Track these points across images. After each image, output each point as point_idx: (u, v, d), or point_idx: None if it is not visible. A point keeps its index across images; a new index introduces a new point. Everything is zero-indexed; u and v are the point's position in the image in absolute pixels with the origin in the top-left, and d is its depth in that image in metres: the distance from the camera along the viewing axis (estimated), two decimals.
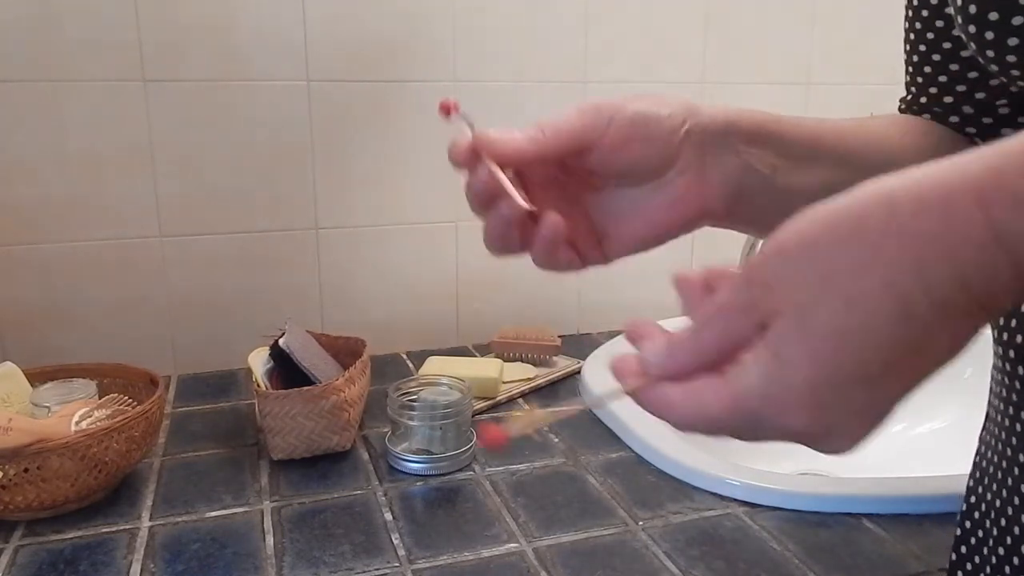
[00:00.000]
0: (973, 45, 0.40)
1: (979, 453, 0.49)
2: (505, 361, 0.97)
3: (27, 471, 0.63)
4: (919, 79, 0.50)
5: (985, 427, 0.48)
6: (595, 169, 0.41)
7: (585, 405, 0.38)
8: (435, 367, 0.90)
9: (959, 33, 0.41)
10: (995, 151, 0.25)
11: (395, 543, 0.63)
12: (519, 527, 0.65)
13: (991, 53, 0.39)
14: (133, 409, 0.71)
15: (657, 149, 0.40)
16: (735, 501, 0.69)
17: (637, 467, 0.75)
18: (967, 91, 0.47)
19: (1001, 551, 0.45)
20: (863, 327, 0.26)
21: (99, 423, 0.68)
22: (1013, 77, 0.40)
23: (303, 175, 0.98)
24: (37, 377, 0.77)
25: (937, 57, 0.48)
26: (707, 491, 0.71)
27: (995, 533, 0.46)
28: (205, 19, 0.91)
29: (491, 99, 1.02)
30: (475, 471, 0.75)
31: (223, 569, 0.60)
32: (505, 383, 0.92)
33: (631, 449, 0.79)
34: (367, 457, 0.77)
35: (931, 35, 0.48)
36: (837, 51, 1.16)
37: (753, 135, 0.41)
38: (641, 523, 0.66)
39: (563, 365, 0.99)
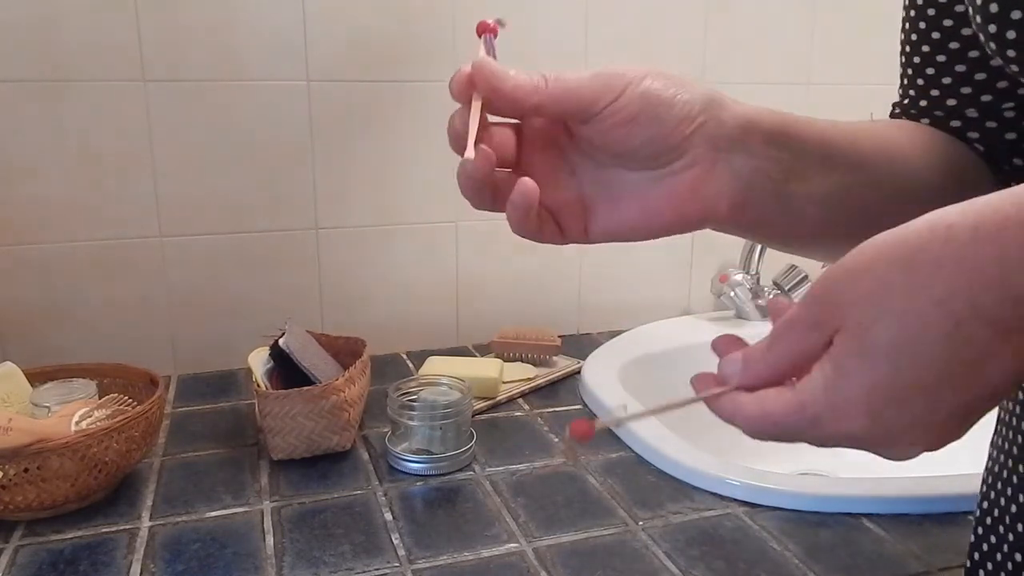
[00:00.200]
0: (993, 45, 0.39)
1: (991, 458, 0.48)
2: (505, 361, 0.97)
3: (27, 471, 0.63)
4: (919, 81, 0.49)
5: (997, 431, 0.48)
6: (596, 141, 0.39)
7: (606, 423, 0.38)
8: (435, 367, 0.90)
9: (976, 32, 0.40)
10: None
11: (395, 543, 0.63)
12: (519, 527, 0.65)
13: (1012, 53, 0.38)
14: (133, 409, 0.71)
15: (662, 134, 0.38)
16: (735, 501, 0.69)
17: (637, 467, 0.75)
18: (972, 94, 0.46)
19: (1018, 557, 0.45)
20: (915, 341, 0.29)
21: (99, 423, 0.68)
22: None
23: (303, 175, 0.98)
24: (37, 377, 0.77)
25: (942, 58, 0.47)
26: (707, 491, 0.71)
27: (1011, 539, 0.45)
28: (205, 19, 0.91)
29: None
30: (475, 471, 0.75)
31: (223, 569, 0.60)
32: (505, 383, 0.92)
33: (631, 449, 0.79)
34: (367, 457, 0.77)
35: (936, 35, 0.47)
36: (837, 51, 1.16)
37: (772, 136, 0.40)
38: (641, 523, 0.66)
39: (563, 365, 0.99)
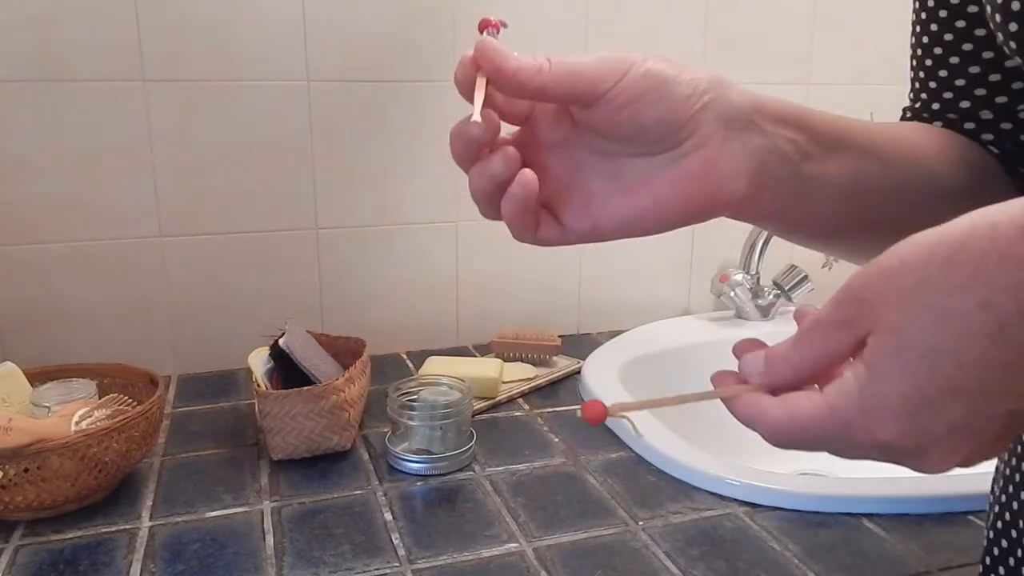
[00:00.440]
0: (1013, 44, 0.39)
1: (1002, 460, 0.48)
2: (505, 361, 0.97)
3: (27, 471, 0.63)
4: (932, 84, 0.48)
5: None
6: (602, 126, 0.38)
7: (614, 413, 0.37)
8: (435, 367, 0.90)
9: (995, 32, 0.40)
10: None
11: (395, 543, 0.63)
12: (519, 527, 0.65)
13: None
14: (133, 409, 0.71)
15: (669, 112, 0.37)
16: (735, 501, 0.69)
17: (637, 467, 0.75)
18: (987, 95, 0.46)
19: None
20: (956, 343, 0.27)
21: (99, 423, 0.68)
22: None
23: (303, 175, 0.98)
24: (37, 377, 0.77)
25: (955, 60, 0.46)
26: (707, 491, 0.71)
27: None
28: (205, 19, 0.91)
29: None
30: (475, 471, 0.75)
31: (223, 569, 0.60)
32: (505, 383, 0.92)
33: (631, 449, 0.79)
34: (367, 457, 0.77)
35: (949, 37, 0.46)
36: (837, 51, 1.16)
37: (781, 117, 0.39)
38: (641, 523, 0.66)
39: (563, 365, 0.99)
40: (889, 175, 0.43)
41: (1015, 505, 0.46)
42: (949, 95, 0.48)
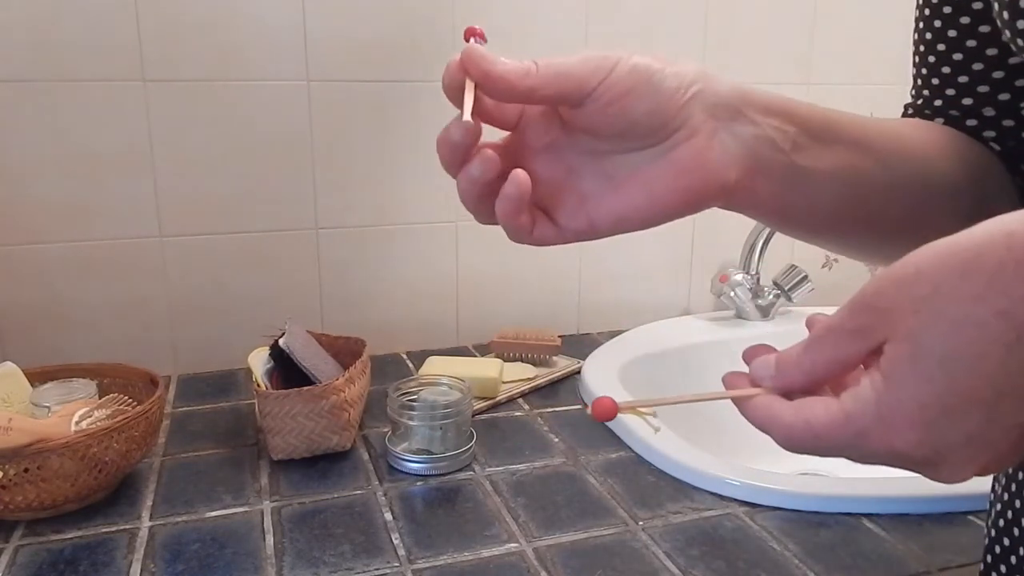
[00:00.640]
0: (1021, 41, 0.39)
1: None
2: (505, 361, 0.97)
3: (27, 471, 0.63)
4: (934, 81, 0.48)
5: None
6: (591, 125, 0.38)
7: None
8: (435, 367, 0.90)
9: (1001, 28, 0.40)
10: None
11: (395, 543, 0.63)
12: (519, 527, 0.65)
13: None
14: (133, 409, 0.71)
15: (656, 105, 0.37)
16: (735, 501, 0.69)
17: (637, 467, 0.75)
18: (989, 92, 0.46)
19: None
20: (973, 352, 0.27)
21: (99, 423, 0.68)
22: None
23: (303, 175, 0.98)
24: (37, 377, 0.77)
25: (959, 56, 0.46)
26: (707, 491, 0.71)
27: None
28: (205, 19, 0.91)
29: None
30: (475, 471, 0.75)
31: (223, 569, 0.60)
32: (505, 383, 0.92)
33: (631, 449, 0.79)
34: (367, 457, 0.77)
35: (953, 33, 0.46)
36: (837, 51, 1.16)
37: (770, 107, 0.39)
38: (641, 523, 0.66)
39: (563, 365, 0.99)
40: (885, 169, 0.43)
41: (1017, 503, 0.46)
42: (951, 92, 0.48)
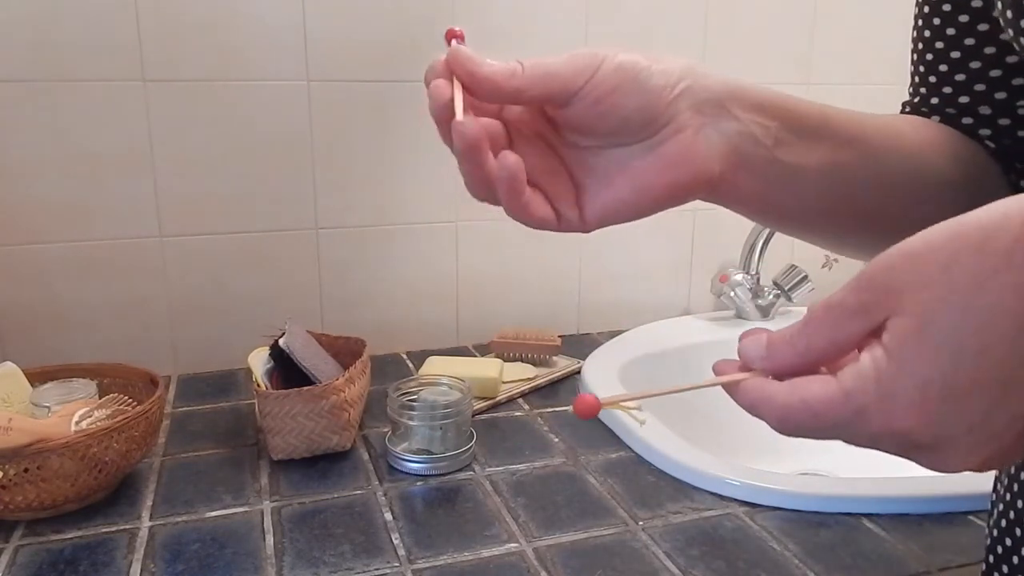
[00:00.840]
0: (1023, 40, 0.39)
1: None
2: (505, 361, 0.97)
3: (27, 471, 0.63)
4: (931, 78, 0.49)
5: None
6: (579, 123, 0.39)
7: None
8: (435, 367, 0.90)
9: (1006, 28, 0.40)
10: None
11: (395, 543, 0.63)
12: (519, 527, 0.65)
13: None
14: (133, 409, 0.71)
15: (645, 102, 0.38)
16: (735, 501, 0.69)
17: (637, 467, 0.75)
18: (986, 90, 0.46)
19: None
20: (983, 333, 0.26)
21: (99, 423, 0.68)
22: None
23: (303, 175, 0.98)
24: (37, 377, 0.77)
25: (956, 55, 0.47)
26: (707, 491, 0.71)
27: None
28: (205, 19, 0.91)
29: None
30: (475, 471, 0.75)
31: (223, 569, 0.60)
32: (505, 383, 0.92)
33: (631, 449, 0.79)
34: (367, 457, 0.77)
35: (951, 31, 0.46)
36: (837, 51, 1.16)
37: (755, 104, 0.40)
38: (641, 523, 0.66)
39: (563, 365, 0.99)
40: (877, 166, 0.43)
41: (1019, 504, 0.46)
42: (948, 90, 0.48)
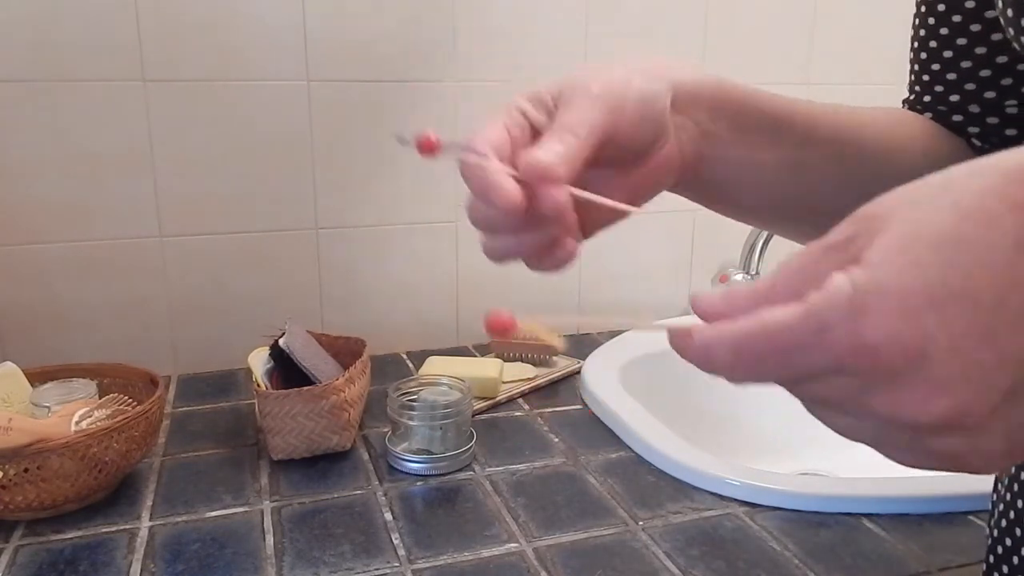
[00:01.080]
0: None
1: None
2: (505, 361, 0.97)
3: (27, 471, 0.63)
4: (925, 77, 0.50)
5: None
6: (605, 155, 0.38)
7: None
8: (435, 367, 0.90)
9: (1007, 27, 0.41)
10: None
11: (395, 543, 0.63)
12: (519, 527, 0.65)
13: None
14: (133, 409, 0.71)
15: (658, 126, 0.39)
16: (735, 501, 0.69)
17: (637, 467, 0.75)
18: (976, 90, 0.47)
19: None
20: (979, 241, 0.23)
21: (99, 423, 0.68)
22: None
23: (303, 175, 0.98)
24: (37, 377, 0.77)
25: (949, 54, 0.48)
26: (707, 491, 0.71)
27: None
28: (205, 19, 0.90)
29: (491, 99, 1.02)
30: (475, 471, 0.75)
31: (223, 569, 0.60)
32: (505, 383, 0.92)
33: (631, 449, 0.79)
34: (367, 457, 0.77)
35: (945, 31, 0.47)
36: (837, 51, 1.16)
37: (704, 101, 0.41)
38: (641, 523, 0.66)
39: (563, 365, 0.99)
40: (836, 162, 0.44)
41: (1020, 504, 0.46)
42: (940, 88, 0.49)
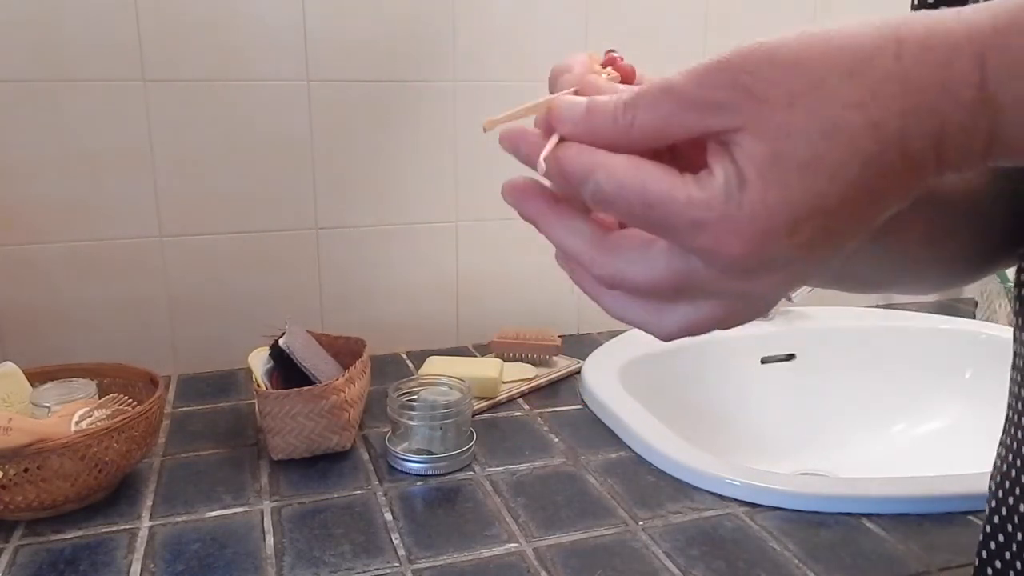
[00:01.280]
0: None
1: (999, 456, 0.48)
2: (505, 361, 0.97)
3: (27, 471, 0.63)
4: None
5: (1005, 430, 0.48)
6: None
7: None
8: (435, 367, 0.90)
9: None
10: (1003, 5, 0.25)
11: (395, 543, 0.63)
12: (519, 527, 0.65)
13: None
14: (133, 409, 0.71)
15: None
16: (735, 501, 0.69)
17: (637, 467, 0.75)
18: None
19: None
20: (838, 159, 0.25)
21: (99, 423, 0.68)
22: None
23: (303, 175, 0.98)
24: (37, 377, 0.77)
25: None
26: (707, 491, 0.71)
27: (1019, 538, 0.45)
28: (205, 19, 0.91)
29: (491, 99, 1.02)
30: (475, 471, 0.75)
31: (223, 569, 0.60)
32: (505, 383, 0.92)
33: (631, 449, 0.79)
34: (367, 457, 0.77)
35: None
36: None
37: None
38: (641, 523, 0.66)
39: (563, 365, 0.99)
40: None
41: (1011, 500, 0.46)
42: None
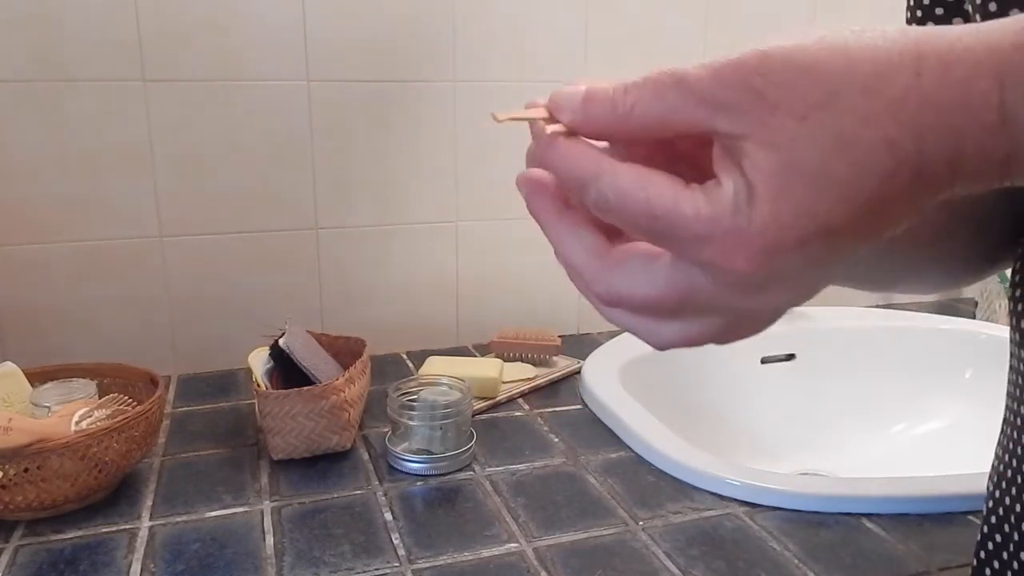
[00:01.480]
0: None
1: (997, 456, 0.48)
2: (505, 361, 0.97)
3: (27, 471, 0.63)
4: None
5: (1003, 431, 0.48)
6: None
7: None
8: (435, 367, 0.90)
9: (973, 12, 0.41)
10: (1022, 22, 0.24)
11: (395, 543, 0.63)
12: (519, 527, 0.65)
13: None
14: (133, 409, 0.71)
15: None
16: (735, 501, 0.69)
17: (637, 467, 0.75)
18: None
19: None
20: (851, 176, 0.24)
21: (99, 423, 0.68)
22: None
23: (303, 175, 0.98)
24: (37, 377, 0.77)
25: None
26: (707, 491, 0.71)
27: (1016, 538, 0.45)
28: (205, 19, 0.91)
29: (491, 99, 1.02)
30: (475, 471, 0.75)
31: (223, 569, 0.60)
32: (505, 383, 0.92)
33: (631, 449, 0.79)
34: (367, 457, 0.77)
35: (930, 25, 0.47)
36: None
37: None
38: (641, 523, 0.66)
39: (563, 365, 0.99)
40: None
41: (1008, 500, 0.46)
42: None
